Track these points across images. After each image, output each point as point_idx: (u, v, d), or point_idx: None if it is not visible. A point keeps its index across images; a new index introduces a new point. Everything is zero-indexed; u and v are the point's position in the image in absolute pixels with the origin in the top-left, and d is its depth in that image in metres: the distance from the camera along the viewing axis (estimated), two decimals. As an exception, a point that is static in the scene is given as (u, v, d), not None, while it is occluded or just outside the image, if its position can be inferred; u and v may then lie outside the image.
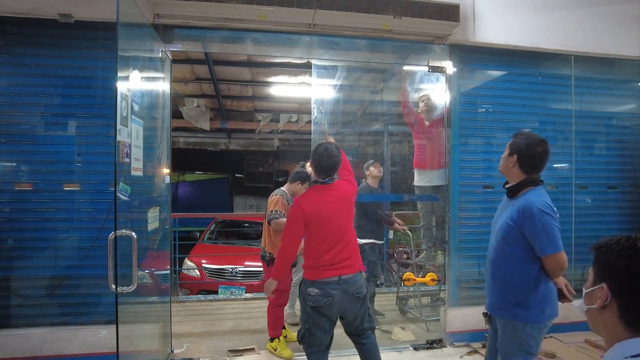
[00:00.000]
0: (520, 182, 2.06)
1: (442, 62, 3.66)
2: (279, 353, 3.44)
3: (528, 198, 1.99)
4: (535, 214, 1.91)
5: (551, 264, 1.95)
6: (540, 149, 2.02)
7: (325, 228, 2.43)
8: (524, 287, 1.99)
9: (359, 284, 2.44)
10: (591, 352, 3.44)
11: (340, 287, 2.38)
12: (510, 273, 2.03)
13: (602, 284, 0.95)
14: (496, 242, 2.10)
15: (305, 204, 2.44)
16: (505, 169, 2.13)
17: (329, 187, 2.50)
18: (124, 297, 2.20)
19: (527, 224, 1.93)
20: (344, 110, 5.65)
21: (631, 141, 4.18)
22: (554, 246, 1.92)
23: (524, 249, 1.98)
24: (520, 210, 1.96)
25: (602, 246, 0.98)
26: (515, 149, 2.05)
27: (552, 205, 1.95)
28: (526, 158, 2.03)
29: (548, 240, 1.92)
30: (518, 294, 2.00)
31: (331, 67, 3.93)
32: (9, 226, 3.01)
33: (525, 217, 1.94)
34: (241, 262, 5.50)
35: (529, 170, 2.04)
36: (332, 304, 2.37)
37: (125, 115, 2.30)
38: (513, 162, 2.06)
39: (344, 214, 2.49)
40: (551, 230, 1.92)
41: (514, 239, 1.99)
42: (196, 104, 7.74)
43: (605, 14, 3.94)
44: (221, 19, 3.26)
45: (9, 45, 3.01)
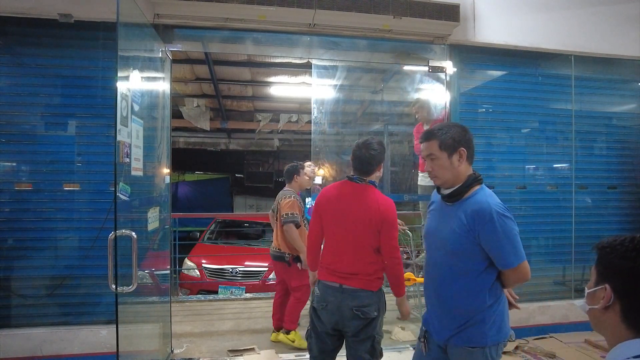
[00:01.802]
0: (466, 182, 1.70)
1: (442, 62, 3.66)
2: (298, 344, 3.51)
3: (480, 200, 1.64)
4: (494, 219, 1.57)
5: (515, 276, 1.64)
6: (469, 132, 1.75)
7: (330, 222, 2.23)
8: (479, 304, 1.66)
9: (364, 302, 2.11)
10: (591, 352, 3.44)
11: (340, 296, 2.14)
12: (462, 291, 1.67)
13: (605, 284, 0.95)
14: (442, 258, 1.73)
15: (324, 190, 2.32)
16: (451, 174, 1.71)
17: (354, 186, 2.22)
18: (124, 297, 2.20)
19: (485, 232, 1.58)
20: (344, 110, 5.66)
21: (631, 141, 4.18)
22: (519, 255, 1.61)
23: (479, 261, 1.64)
24: (474, 216, 1.61)
25: (605, 246, 0.98)
26: (458, 142, 1.70)
27: (507, 208, 1.64)
28: (470, 148, 1.73)
29: (513, 249, 1.59)
30: (472, 314, 1.66)
31: (331, 67, 3.94)
32: (9, 226, 3.01)
33: (481, 223, 1.59)
34: (241, 262, 5.50)
35: (472, 161, 1.75)
36: (326, 311, 2.16)
37: (125, 115, 2.29)
38: (459, 158, 1.70)
39: (359, 225, 2.16)
40: (514, 237, 1.60)
41: (467, 252, 1.64)
42: (196, 104, 7.74)
43: (605, 14, 3.94)
44: (221, 19, 3.26)
45: (9, 45, 3.01)
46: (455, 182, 1.71)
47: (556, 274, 4.03)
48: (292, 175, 3.72)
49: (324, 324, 2.19)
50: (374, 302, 2.16)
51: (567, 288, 4.00)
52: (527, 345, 3.56)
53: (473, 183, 1.70)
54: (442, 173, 1.72)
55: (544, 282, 3.95)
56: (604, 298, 0.94)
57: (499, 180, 3.85)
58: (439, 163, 1.71)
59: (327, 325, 2.18)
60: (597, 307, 0.96)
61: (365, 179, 2.23)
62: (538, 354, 3.42)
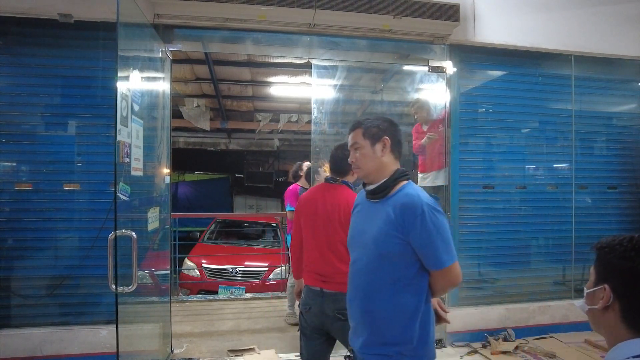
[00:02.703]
0: (393, 176, 1.55)
1: (442, 62, 3.66)
2: None
3: (409, 193, 1.49)
4: (425, 213, 1.42)
5: (446, 279, 1.48)
6: (396, 125, 1.64)
7: (306, 225, 2.26)
8: (408, 315, 1.47)
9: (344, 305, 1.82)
10: (591, 352, 3.44)
11: (321, 300, 2.13)
12: (391, 300, 1.48)
13: (604, 284, 0.95)
14: (367, 261, 1.54)
15: (302, 194, 2.40)
16: (374, 164, 1.58)
17: (328, 187, 2.28)
18: (124, 297, 2.20)
19: (416, 227, 1.43)
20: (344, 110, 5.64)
21: (631, 141, 4.18)
22: (452, 254, 1.46)
23: (410, 263, 1.47)
24: (404, 210, 1.45)
25: (604, 246, 0.98)
26: (382, 131, 1.58)
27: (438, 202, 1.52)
28: (396, 138, 1.61)
29: (445, 247, 1.44)
30: (399, 327, 1.48)
31: (331, 67, 3.93)
32: (9, 226, 3.01)
33: (411, 217, 1.43)
34: (241, 262, 5.50)
35: (398, 155, 1.62)
36: (309, 314, 2.17)
37: (125, 115, 2.30)
38: (383, 147, 1.58)
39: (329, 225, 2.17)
40: (447, 234, 1.45)
41: (397, 253, 1.46)
42: (196, 104, 7.74)
43: (605, 14, 3.94)
44: (221, 19, 3.26)
45: (9, 45, 3.01)
46: (380, 175, 1.57)
47: (556, 274, 4.03)
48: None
49: (309, 327, 2.20)
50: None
51: (567, 288, 4.00)
52: (527, 345, 3.56)
53: (400, 177, 1.56)
54: (364, 163, 1.60)
55: (544, 282, 3.96)
56: (603, 298, 0.94)
57: (499, 180, 3.85)
58: (362, 152, 1.60)
59: (313, 327, 2.18)
60: (596, 307, 0.96)
61: (338, 179, 2.27)
62: (538, 354, 3.42)
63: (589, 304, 0.99)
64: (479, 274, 3.81)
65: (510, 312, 3.77)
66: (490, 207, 3.82)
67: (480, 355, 3.45)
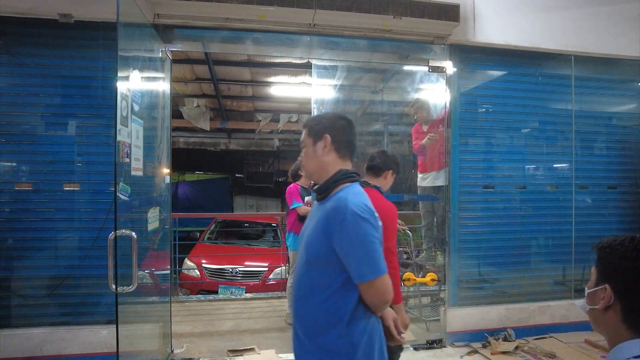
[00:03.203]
0: (333, 176, 1.44)
1: (442, 62, 3.66)
2: None
3: (339, 197, 1.37)
4: (348, 220, 1.29)
5: (370, 292, 1.33)
6: (350, 123, 1.50)
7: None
8: (343, 324, 1.33)
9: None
10: (591, 352, 3.44)
11: None
12: (319, 309, 1.37)
13: (605, 284, 0.95)
14: (300, 264, 1.44)
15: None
16: (315, 164, 1.49)
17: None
18: (124, 297, 2.20)
19: (338, 234, 1.31)
20: (344, 110, 5.64)
21: (631, 141, 4.18)
22: (375, 268, 1.31)
23: (337, 272, 1.35)
24: (329, 214, 1.34)
25: (605, 246, 0.98)
26: (324, 128, 1.46)
27: (372, 209, 1.35)
28: (340, 136, 1.47)
29: (367, 259, 1.30)
30: (334, 334, 1.35)
31: (331, 67, 3.93)
32: (9, 226, 3.01)
33: (335, 222, 1.31)
34: (241, 262, 5.50)
35: (345, 154, 1.48)
36: None
37: (125, 115, 2.30)
38: (324, 146, 1.45)
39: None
40: (371, 244, 1.30)
41: (323, 259, 1.36)
42: (196, 104, 7.74)
43: (605, 14, 3.94)
44: (221, 19, 3.26)
45: (9, 45, 3.01)
46: (323, 176, 1.47)
47: (556, 274, 4.04)
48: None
49: None
50: None
51: (567, 288, 4.00)
52: (527, 345, 3.56)
53: (342, 179, 1.43)
54: (307, 162, 1.52)
55: (544, 282, 3.96)
56: (604, 298, 0.94)
57: (499, 180, 3.85)
58: (306, 151, 1.51)
59: None
60: (597, 308, 0.96)
61: (370, 184, 2.31)
62: (538, 354, 3.42)
63: (590, 304, 0.99)
64: (479, 274, 3.81)
65: (510, 312, 3.77)
66: (490, 207, 3.82)
67: (480, 355, 3.45)
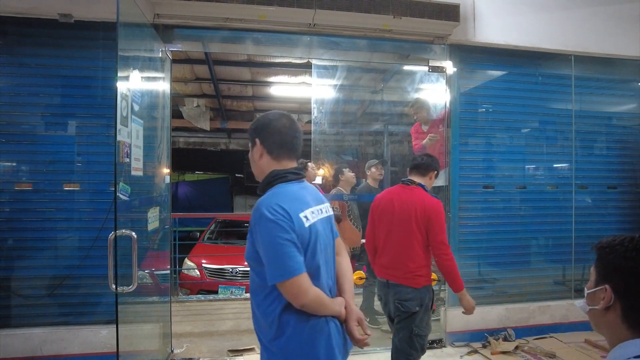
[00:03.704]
0: (264, 179, 1.45)
1: (442, 62, 3.66)
2: None
3: (261, 199, 1.37)
4: (259, 222, 1.30)
5: (285, 295, 1.31)
6: (284, 121, 1.46)
7: (380, 222, 2.49)
8: (272, 329, 1.36)
9: (405, 297, 2.32)
10: (591, 352, 3.44)
11: (387, 290, 2.42)
12: (259, 308, 1.40)
13: (605, 285, 0.95)
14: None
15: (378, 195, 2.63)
16: (255, 168, 1.51)
17: (404, 188, 2.50)
18: (124, 297, 2.20)
19: (256, 237, 1.32)
20: (344, 110, 5.65)
21: (631, 141, 4.18)
22: (280, 271, 1.27)
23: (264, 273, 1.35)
24: (251, 219, 1.35)
25: (604, 246, 0.97)
26: (253, 132, 1.47)
27: (286, 209, 1.30)
28: (271, 137, 1.44)
29: (273, 262, 1.28)
30: (268, 339, 1.40)
31: (331, 67, 3.94)
32: (9, 226, 3.01)
33: (253, 226, 1.33)
34: (241, 262, 5.49)
35: (280, 155, 1.45)
36: (381, 303, 2.50)
37: (125, 115, 2.30)
38: (259, 153, 1.45)
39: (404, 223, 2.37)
40: (277, 247, 1.27)
41: (255, 261, 1.37)
42: (196, 103, 7.74)
43: (605, 14, 3.94)
44: (221, 19, 3.26)
45: (9, 45, 3.01)
46: (262, 178, 1.48)
47: (556, 274, 4.04)
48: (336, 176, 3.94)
49: (387, 314, 2.51)
50: (415, 297, 2.34)
51: (567, 288, 4.00)
52: (527, 345, 3.56)
53: (272, 180, 1.42)
54: (251, 166, 1.52)
55: (544, 282, 3.96)
56: (604, 299, 0.94)
57: (499, 180, 3.85)
58: (249, 156, 1.53)
59: (387, 315, 2.53)
60: (597, 308, 0.96)
61: (415, 182, 2.48)
62: (538, 354, 3.42)
63: (590, 304, 0.99)
64: (479, 273, 3.81)
65: (510, 312, 3.77)
66: (490, 207, 3.82)
67: (480, 355, 3.45)
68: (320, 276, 1.38)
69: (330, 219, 1.53)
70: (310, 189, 1.50)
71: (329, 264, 1.46)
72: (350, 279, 1.55)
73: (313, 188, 1.54)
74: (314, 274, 1.35)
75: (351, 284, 1.55)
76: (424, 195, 2.43)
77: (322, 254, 1.40)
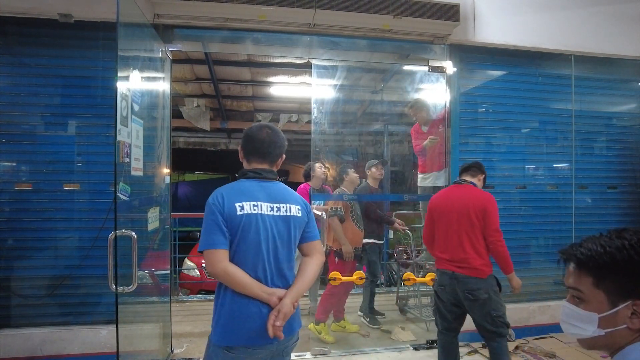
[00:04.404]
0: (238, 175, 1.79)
1: (442, 62, 3.66)
2: (322, 337, 3.69)
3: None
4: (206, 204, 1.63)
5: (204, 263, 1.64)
6: (262, 133, 1.75)
7: (441, 219, 2.72)
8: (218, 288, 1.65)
9: (473, 287, 2.57)
10: (591, 352, 3.44)
11: (453, 281, 2.62)
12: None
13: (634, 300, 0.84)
14: None
15: (435, 195, 2.87)
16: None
17: (459, 187, 2.76)
18: (124, 297, 2.20)
19: None
20: (344, 110, 5.65)
21: (631, 141, 4.18)
22: (202, 242, 1.57)
23: None
24: None
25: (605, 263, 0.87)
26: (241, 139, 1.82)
27: (224, 197, 1.59)
28: (246, 144, 1.77)
29: (201, 234, 1.60)
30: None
31: (331, 67, 3.93)
32: (9, 226, 3.01)
33: None
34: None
35: (250, 158, 1.75)
36: (444, 292, 2.67)
37: (125, 115, 2.30)
38: (241, 155, 1.80)
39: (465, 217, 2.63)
40: (205, 224, 1.58)
41: None
42: (196, 103, 7.73)
43: (605, 14, 3.94)
44: (221, 19, 3.26)
45: (9, 45, 3.01)
46: None
47: (556, 274, 4.03)
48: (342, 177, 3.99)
49: (445, 302, 2.70)
50: (482, 286, 2.57)
51: (567, 288, 4.00)
52: (527, 345, 3.56)
53: (239, 176, 1.75)
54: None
55: (544, 282, 3.95)
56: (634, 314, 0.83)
57: (499, 180, 3.85)
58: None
59: (447, 302, 2.69)
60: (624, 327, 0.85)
61: (467, 180, 2.77)
62: (538, 354, 3.42)
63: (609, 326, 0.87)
64: (479, 274, 3.80)
65: (510, 312, 3.74)
66: (490, 207, 3.82)
67: (480, 355, 3.45)
68: (247, 262, 1.59)
69: (290, 219, 1.68)
70: (271, 189, 1.70)
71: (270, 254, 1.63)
72: (304, 280, 1.68)
73: (280, 189, 1.73)
74: (241, 259, 1.58)
75: (304, 283, 1.68)
76: (477, 189, 2.75)
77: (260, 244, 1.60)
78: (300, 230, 1.73)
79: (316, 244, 1.78)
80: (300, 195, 1.81)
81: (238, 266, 1.57)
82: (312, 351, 3.46)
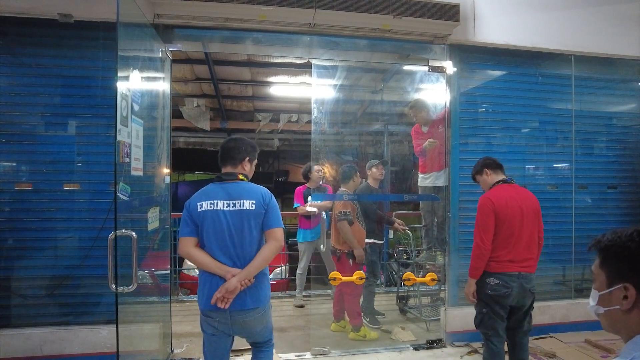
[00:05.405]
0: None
1: (442, 62, 3.66)
2: (368, 338, 3.76)
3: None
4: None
5: None
6: (224, 141, 2.29)
7: (511, 221, 2.69)
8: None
9: (533, 283, 2.72)
10: (591, 352, 3.44)
11: (520, 280, 2.66)
12: None
13: (624, 284, 0.90)
14: None
15: (494, 197, 2.75)
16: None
17: (514, 186, 2.80)
18: (124, 297, 2.20)
19: None
20: (344, 110, 5.66)
21: (631, 141, 4.18)
22: (179, 232, 2.12)
23: None
24: None
25: (611, 245, 0.94)
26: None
27: (193, 199, 2.12)
28: (219, 152, 2.27)
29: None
30: None
31: (331, 67, 3.93)
32: (9, 226, 3.01)
33: None
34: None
35: (221, 164, 2.26)
36: (510, 295, 2.66)
37: (125, 115, 2.30)
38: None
39: (530, 217, 2.70)
40: (181, 220, 2.13)
41: None
42: (196, 103, 7.73)
43: (605, 14, 3.94)
44: (221, 19, 3.26)
45: (9, 45, 3.01)
46: None
47: (556, 274, 4.03)
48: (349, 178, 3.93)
49: (504, 305, 2.70)
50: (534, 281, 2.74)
51: (567, 288, 4.00)
52: (527, 345, 3.55)
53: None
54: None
55: (544, 282, 3.95)
56: (626, 298, 0.90)
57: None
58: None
59: (507, 305, 2.71)
60: (618, 308, 0.92)
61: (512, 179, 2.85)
62: (538, 354, 3.42)
63: (605, 305, 0.95)
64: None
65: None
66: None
67: (480, 355, 3.45)
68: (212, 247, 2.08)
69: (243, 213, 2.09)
70: (230, 188, 2.14)
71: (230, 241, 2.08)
72: (254, 263, 2.09)
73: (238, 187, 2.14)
74: (207, 245, 2.10)
75: (253, 266, 2.08)
76: (525, 188, 2.86)
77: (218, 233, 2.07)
78: (255, 220, 2.11)
79: (272, 231, 2.14)
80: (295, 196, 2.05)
81: (205, 250, 2.09)
82: (312, 351, 3.46)
